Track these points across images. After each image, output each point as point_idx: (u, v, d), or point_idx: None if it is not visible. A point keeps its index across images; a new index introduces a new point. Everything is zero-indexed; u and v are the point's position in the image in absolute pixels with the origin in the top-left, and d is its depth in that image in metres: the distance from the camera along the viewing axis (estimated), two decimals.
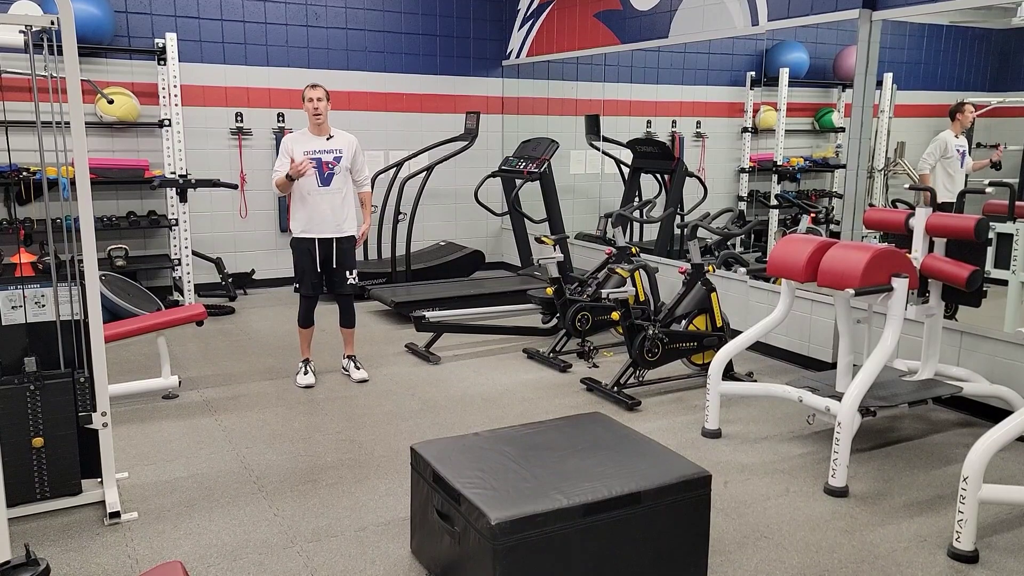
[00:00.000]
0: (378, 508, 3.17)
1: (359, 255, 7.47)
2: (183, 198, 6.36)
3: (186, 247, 6.44)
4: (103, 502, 3.08)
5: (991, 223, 3.81)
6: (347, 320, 4.86)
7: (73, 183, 2.85)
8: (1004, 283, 4.42)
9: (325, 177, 4.54)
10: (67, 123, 2.82)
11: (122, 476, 3.32)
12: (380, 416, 4.19)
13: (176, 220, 6.45)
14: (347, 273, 4.71)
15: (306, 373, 4.70)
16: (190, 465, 3.55)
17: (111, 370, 3.17)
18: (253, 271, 7.23)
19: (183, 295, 6.45)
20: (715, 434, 3.94)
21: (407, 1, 7.61)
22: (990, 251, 4.28)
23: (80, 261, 2.93)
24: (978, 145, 5.75)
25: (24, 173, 5.90)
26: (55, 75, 2.82)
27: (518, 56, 7.98)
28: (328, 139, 4.59)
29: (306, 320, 4.74)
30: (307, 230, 4.59)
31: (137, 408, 4.23)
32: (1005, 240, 4.43)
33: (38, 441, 2.97)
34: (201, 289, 6.77)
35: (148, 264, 6.64)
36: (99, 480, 3.12)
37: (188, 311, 4.56)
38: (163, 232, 6.74)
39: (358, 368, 4.84)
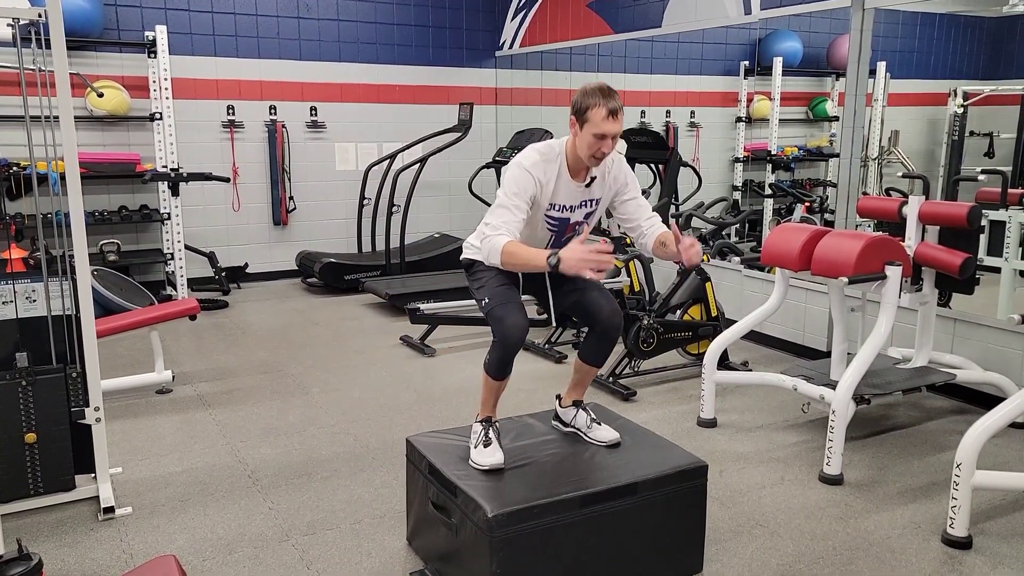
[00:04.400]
0: (373, 501, 3.16)
1: (362, 246, 7.46)
2: (175, 192, 6.32)
3: (179, 241, 6.41)
4: (97, 497, 3.07)
5: (984, 211, 3.81)
6: (600, 350, 2.85)
7: (63, 177, 2.83)
8: (997, 270, 4.43)
9: (564, 240, 2.76)
10: (56, 117, 2.79)
11: (116, 471, 3.31)
12: (375, 409, 4.19)
13: (168, 214, 6.41)
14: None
15: (488, 443, 2.63)
16: (184, 459, 3.54)
17: (104, 365, 3.16)
18: (246, 265, 7.20)
19: (176, 289, 6.43)
20: (711, 423, 3.95)
21: None
22: (983, 238, 4.28)
23: (71, 256, 2.91)
24: (971, 134, 5.75)
25: (14, 168, 5.86)
26: (44, 69, 2.79)
27: (511, 47, 7.95)
28: (588, 184, 2.71)
29: (503, 367, 2.68)
30: None
31: (131, 403, 4.22)
32: (998, 227, 4.43)
33: (31, 437, 2.96)
34: (194, 283, 6.74)
35: (141, 259, 6.61)
36: (92, 475, 3.11)
37: (181, 305, 4.54)
38: (155, 226, 6.70)
39: (597, 422, 2.86)
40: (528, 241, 2.63)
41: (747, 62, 6.81)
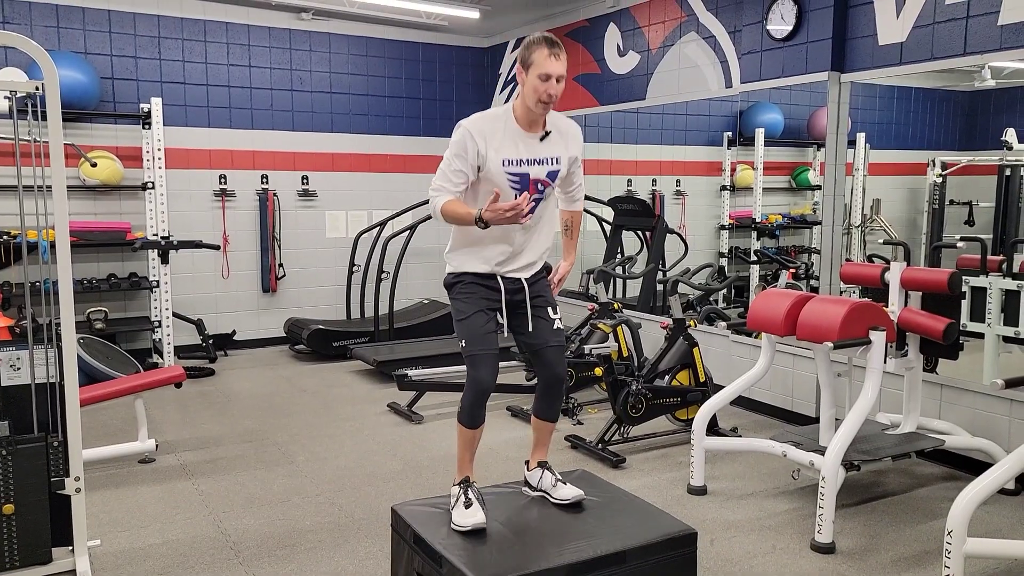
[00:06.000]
0: (358, 572, 3.09)
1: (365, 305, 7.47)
2: (165, 259, 6.35)
3: (167, 309, 6.40)
4: (74, 571, 2.99)
5: (965, 277, 3.88)
6: (549, 405, 2.97)
7: (53, 246, 2.85)
8: (981, 336, 4.47)
9: (531, 202, 2.75)
10: (49, 187, 2.83)
11: (94, 543, 3.23)
12: (361, 477, 4.13)
13: (157, 282, 6.42)
14: (550, 311, 2.89)
15: (469, 504, 2.68)
16: (165, 531, 3.47)
17: (88, 434, 3.12)
18: (234, 332, 7.18)
19: (163, 357, 6.39)
20: (701, 491, 3.91)
21: (391, 66, 7.78)
22: (965, 304, 4.34)
23: (58, 324, 2.91)
24: (951, 202, 5.88)
25: (4, 237, 5.88)
26: (39, 140, 2.84)
27: None
28: (543, 138, 2.79)
29: (475, 412, 2.80)
30: (485, 263, 2.82)
31: (112, 473, 4.14)
32: (979, 293, 4.49)
33: (8, 508, 2.89)
34: (181, 350, 6.71)
35: (128, 326, 6.58)
36: (70, 548, 3.03)
37: (166, 373, 4.51)
38: (144, 294, 6.70)
39: (562, 481, 2.91)
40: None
41: (730, 133, 6.99)
